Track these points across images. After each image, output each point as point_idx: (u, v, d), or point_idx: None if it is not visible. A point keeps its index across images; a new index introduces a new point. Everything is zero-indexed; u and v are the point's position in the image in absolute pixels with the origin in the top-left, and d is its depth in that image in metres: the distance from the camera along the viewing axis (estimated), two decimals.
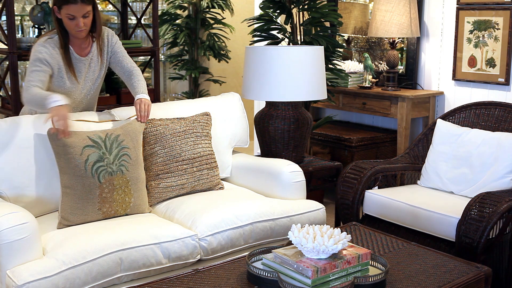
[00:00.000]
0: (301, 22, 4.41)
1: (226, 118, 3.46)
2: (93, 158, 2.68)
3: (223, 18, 6.05)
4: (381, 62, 4.84)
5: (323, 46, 3.74)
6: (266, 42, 4.61)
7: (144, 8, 5.00)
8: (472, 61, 4.24)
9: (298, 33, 4.42)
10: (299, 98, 3.60)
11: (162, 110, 3.25)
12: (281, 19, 4.83)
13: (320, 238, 2.11)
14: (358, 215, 3.36)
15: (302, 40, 4.42)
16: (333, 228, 2.23)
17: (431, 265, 2.36)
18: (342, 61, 4.74)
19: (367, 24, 4.89)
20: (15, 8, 3.89)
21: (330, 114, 5.12)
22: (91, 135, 2.73)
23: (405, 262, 2.39)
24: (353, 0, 5.12)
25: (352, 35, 5.10)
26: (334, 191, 3.59)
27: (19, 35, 4.88)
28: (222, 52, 6.05)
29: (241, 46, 5.74)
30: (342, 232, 2.23)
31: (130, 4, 4.81)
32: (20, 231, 2.31)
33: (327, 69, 4.34)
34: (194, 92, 6.12)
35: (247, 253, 2.51)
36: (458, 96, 4.37)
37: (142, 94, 3.06)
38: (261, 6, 4.42)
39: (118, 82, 4.37)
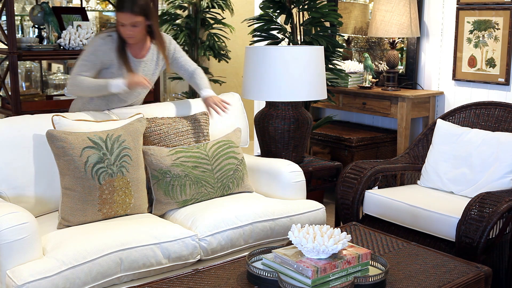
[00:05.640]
0: (301, 22, 4.41)
1: (226, 118, 3.46)
2: (93, 159, 2.67)
3: (223, 18, 6.05)
4: (381, 62, 4.84)
5: (323, 46, 3.74)
6: (266, 42, 4.61)
7: None
8: (472, 61, 4.24)
9: (298, 33, 4.42)
10: (299, 98, 3.60)
11: (163, 110, 3.25)
12: (281, 19, 4.83)
13: (320, 238, 2.11)
14: (358, 215, 3.36)
15: (302, 40, 4.42)
16: (333, 228, 2.23)
17: (431, 265, 2.36)
18: (342, 61, 4.74)
19: (367, 24, 4.89)
20: (15, 8, 3.90)
21: (330, 114, 5.12)
22: (91, 136, 2.73)
23: (405, 262, 2.39)
24: (353, 0, 5.12)
25: (352, 35, 5.10)
26: (334, 191, 3.59)
27: (19, 35, 4.88)
28: (222, 52, 6.05)
29: (241, 46, 5.74)
30: (342, 232, 2.23)
31: None
32: (20, 231, 2.31)
33: (327, 69, 4.34)
34: (194, 92, 6.12)
35: (247, 253, 2.51)
36: (458, 96, 4.37)
37: (206, 89, 3.29)
38: (261, 6, 4.42)
39: None
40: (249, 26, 4.59)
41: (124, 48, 3.11)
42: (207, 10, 5.95)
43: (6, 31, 3.70)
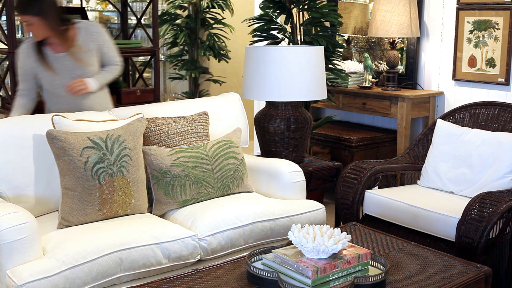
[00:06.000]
0: (301, 22, 4.41)
1: (226, 118, 3.46)
2: (93, 159, 2.67)
3: (223, 18, 6.05)
4: (381, 62, 4.85)
5: (323, 46, 3.74)
6: (266, 42, 4.61)
7: (144, 8, 5.00)
8: (472, 61, 4.24)
9: (298, 33, 4.42)
10: (299, 98, 3.60)
11: (162, 110, 3.25)
12: (281, 19, 4.83)
13: (320, 238, 2.11)
14: (358, 215, 3.37)
15: (302, 40, 4.42)
16: (333, 228, 2.23)
17: (431, 265, 2.36)
18: (342, 61, 4.74)
19: (367, 24, 4.89)
20: None
21: (330, 114, 5.12)
22: (91, 136, 2.73)
23: (405, 262, 2.39)
24: (353, 0, 5.12)
25: (352, 35, 5.10)
26: (334, 191, 3.59)
27: (19, 35, 4.88)
28: (222, 52, 6.05)
29: (241, 46, 5.74)
30: (342, 232, 2.23)
31: (130, 4, 4.82)
32: (20, 231, 2.31)
33: (327, 69, 4.34)
34: (194, 92, 6.12)
35: (247, 253, 2.51)
36: (458, 96, 4.37)
37: (90, 78, 3.24)
38: (261, 6, 4.42)
39: (118, 82, 4.37)
40: (249, 26, 4.59)
41: (41, 47, 3.18)
42: (207, 10, 5.95)
43: (6, 31, 3.70)
